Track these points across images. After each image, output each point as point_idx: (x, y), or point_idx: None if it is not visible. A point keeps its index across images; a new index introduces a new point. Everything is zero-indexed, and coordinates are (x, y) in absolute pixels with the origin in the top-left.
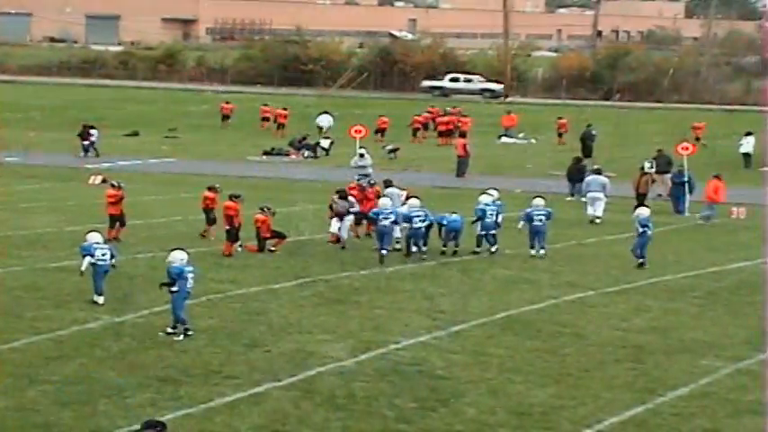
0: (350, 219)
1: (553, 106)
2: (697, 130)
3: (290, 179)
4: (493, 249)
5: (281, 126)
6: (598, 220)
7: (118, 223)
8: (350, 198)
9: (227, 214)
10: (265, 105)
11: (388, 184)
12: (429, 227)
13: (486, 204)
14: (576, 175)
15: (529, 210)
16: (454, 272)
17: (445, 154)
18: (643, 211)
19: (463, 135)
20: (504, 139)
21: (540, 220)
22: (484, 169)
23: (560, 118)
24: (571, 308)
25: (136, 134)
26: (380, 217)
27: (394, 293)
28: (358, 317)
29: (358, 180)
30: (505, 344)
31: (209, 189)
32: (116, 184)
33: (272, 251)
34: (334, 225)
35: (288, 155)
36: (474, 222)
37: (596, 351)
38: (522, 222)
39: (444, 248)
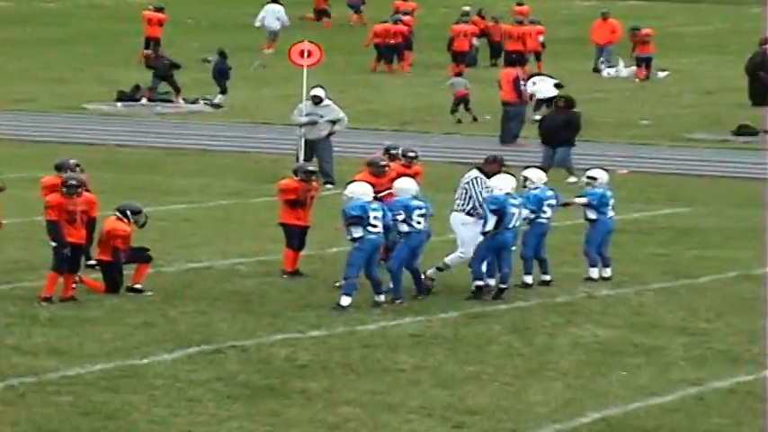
0: None
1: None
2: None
3: (171, 149)
4: (504, 285)
5: (152, 42)
6: None
7: None
8: None
9: (50, 219)
10: None
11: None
12: None
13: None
14: (555, 131)
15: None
16: (496, 331)
17: (486, 97)
18: None
19: (517, 62)
20: (607, 71)
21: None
22: None
23: (636, 29)
24: (727, 403)
25: None
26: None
27: (378, 375)
28: (308, 422)
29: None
30: None
31: (59, 169)
32: None
33: (137, 290)
34: None
35: (169, 100)
36: (485, 233)
37: None
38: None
39: (481, 285)
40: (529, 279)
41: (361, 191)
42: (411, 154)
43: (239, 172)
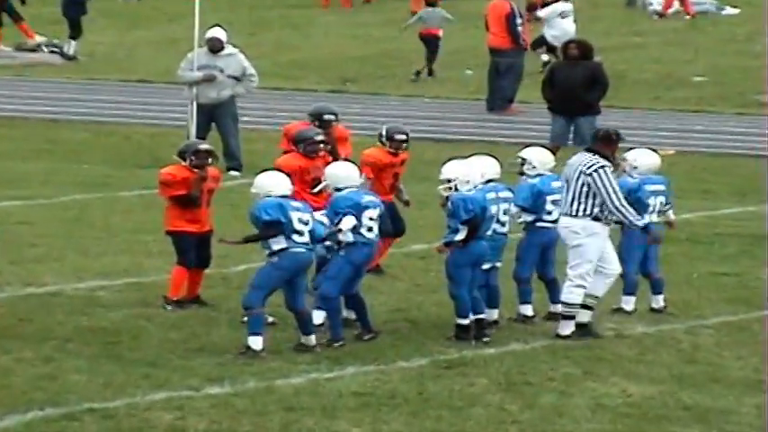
0: None
1: None
2: None
3: (1, 118)
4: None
5: None
6: None
7: None
8: None
9: None
10: None
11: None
12: None
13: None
14: (574, 92)
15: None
16: (481, 387)
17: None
18: None
19: None
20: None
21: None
22: None
23: None
24: None
25: None
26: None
27: None
28: None
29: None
30: None
31: None
32: None
33: None
34: None
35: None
36: (448, 243)
37: None
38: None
39: (467, 324)
40: (528, 310)
41: (272, 183)
42: (401, 136)
43: (101, 152)
